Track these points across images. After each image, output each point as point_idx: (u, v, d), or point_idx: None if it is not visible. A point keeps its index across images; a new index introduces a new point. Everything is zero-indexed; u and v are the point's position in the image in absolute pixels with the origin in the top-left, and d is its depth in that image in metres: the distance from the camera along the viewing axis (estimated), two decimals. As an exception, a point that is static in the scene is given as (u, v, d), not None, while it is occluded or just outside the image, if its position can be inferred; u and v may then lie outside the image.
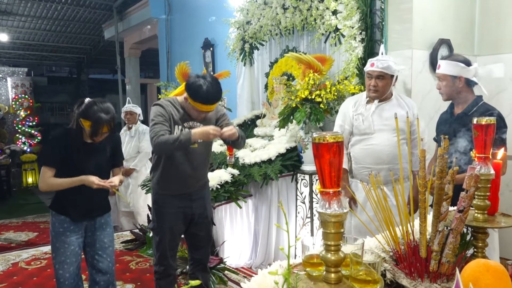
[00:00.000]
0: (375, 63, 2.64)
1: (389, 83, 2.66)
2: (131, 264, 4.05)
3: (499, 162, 1.34)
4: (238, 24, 4.84)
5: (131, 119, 5.07)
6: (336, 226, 0.95)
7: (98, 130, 2.27)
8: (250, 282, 1.15)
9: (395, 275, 1.15)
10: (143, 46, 8.98)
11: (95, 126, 2.26)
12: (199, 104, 2.37)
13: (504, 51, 3.36)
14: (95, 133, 2.28)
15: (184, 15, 6.80)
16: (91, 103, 2.31)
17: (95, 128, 2.26)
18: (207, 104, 2.38)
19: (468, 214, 1.12)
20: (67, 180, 2.32)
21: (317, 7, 3.71)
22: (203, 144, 2.55)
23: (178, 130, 2.49)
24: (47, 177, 2.32)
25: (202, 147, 2.58)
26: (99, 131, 2.27)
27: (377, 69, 2.62)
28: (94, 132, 2.28)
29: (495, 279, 0.86)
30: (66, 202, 2.46)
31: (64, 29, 10.00)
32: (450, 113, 2.61)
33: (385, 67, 2.61)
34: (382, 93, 2.68)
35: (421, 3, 3.13)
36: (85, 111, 2.28)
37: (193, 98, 2.37)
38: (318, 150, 0.96)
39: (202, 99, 2.36)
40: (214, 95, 2.39)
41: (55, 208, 2.52)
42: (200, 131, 2.34)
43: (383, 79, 2.64)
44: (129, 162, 5.01)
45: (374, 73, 2.65)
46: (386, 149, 2.64)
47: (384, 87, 2.65)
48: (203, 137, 2.35)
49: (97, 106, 2.29)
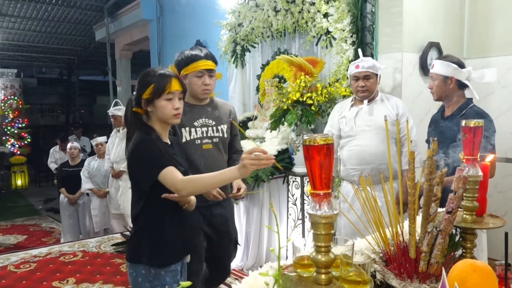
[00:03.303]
0: (360, 64, 2.73)
1: (375, 82, 2.74)
2: (122, 266, 4.03)
3: (487, 164, 1.35)
4: (229, 26, 4.84)
5: (116, 122, 5.04)
6: (327, 227, 0.96)
7: (166, 85, 1.68)
8: (241, 284, 1.15)
9: (385, 276, 1.16)
10: (134, 47, 8.94)
11: (161, 81, 1.69)
12: (196, 63, 2.20)
13: (493, 54, 3.40)
14: (163, 88, 1.68)
15: (175, 17, 6.78)
16: (145, 70, 1.80)
17: (160, 85, 1.68)
18: (204, 58, 2.22)
19: (456, 215, 1.13)
20: (215, 175, 1.61)
21: (308, 10, 3.72)
22: (218, 143, 2.35)
23: (187, 133, 2.27)
24: (180, 176, 1.64)
25: (217, 148, 2.35)
26: (167, 85, 1.69)
27: (363, 69, 2.71)
28: (160, 88, 1.68)
29: (482, 279, 0.87)
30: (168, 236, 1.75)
31: (55, 30, 9.93)
32: (440, 115, 2.64)
33: (370, 66, 2.71)
34: (371, 92, 2.75)
35: (411, 7, 3.16)
36: (140, 80, 1.74)
37: (186, 60, 2.22)
38: (309, 152, 0.97)
39: (195, 55, 2.21)
40: (206, 50, 2.26)
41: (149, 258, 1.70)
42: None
43: (370, 78, 2.72)
44: (119, 164, 4.97)
45: (360, 74, 2.73)
46: (368, 149, 2.72)
47: (372, 86, 2.74)
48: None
49: (154, 69, 1.79)
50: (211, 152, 2.32)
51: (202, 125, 2.32)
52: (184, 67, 2.24)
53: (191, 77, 2.24)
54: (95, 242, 4.88)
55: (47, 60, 12.92)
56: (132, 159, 1.71)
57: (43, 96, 14.04)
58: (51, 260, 4.27)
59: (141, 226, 1.73)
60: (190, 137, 2.29)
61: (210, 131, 2.33)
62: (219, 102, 2.48)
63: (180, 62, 2.25)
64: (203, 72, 2.23)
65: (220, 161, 2.37)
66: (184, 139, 2.27)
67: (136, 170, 1.72)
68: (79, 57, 12.63)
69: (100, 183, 5.31)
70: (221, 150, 2.39)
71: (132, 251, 1.75)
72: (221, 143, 2.37)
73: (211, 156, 2.31)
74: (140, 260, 1.70)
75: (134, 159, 1.70)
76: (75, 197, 5.41)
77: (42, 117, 14.40)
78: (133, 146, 1.69)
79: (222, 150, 2.40)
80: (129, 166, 1.76)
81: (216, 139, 2.34)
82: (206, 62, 2.23)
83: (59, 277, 3.81)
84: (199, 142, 2.30)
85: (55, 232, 6.38)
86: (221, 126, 2.38)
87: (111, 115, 5.04)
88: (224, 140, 2.39)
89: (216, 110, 2.40)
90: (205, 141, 2.31)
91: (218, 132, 2.36)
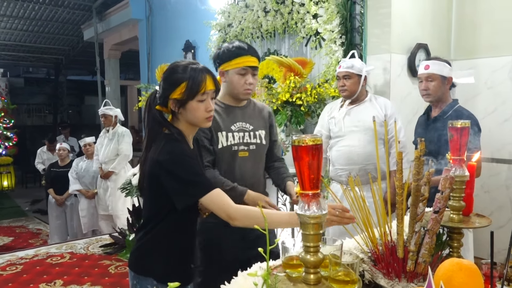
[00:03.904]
0: (341, 64, 2.80)
1: (356, 82, 2.76)
2: (110, 268, 4.00)
3: (473, 164, 1.37)
4: (219, 27, 4.84)
5: (106, 122, 5.00)
6: (315, 227, 0.96)
7: (201, 84, 1.47)
8: (230, 284, 1.15)
9: (373, 276, 1.17)
10: (123, 47, 8.88)
11: (195, 79, 1.47)
12: (240, 59, 1.92)
13: (479, 56, 3.45)
14: (197, 88, 1.46)
15: (165, 17, 6.75)
16: (174, 64, 1.55)
17: (194, 84, 1.46)
18: (249, 53, 1.94)
19: (443, 215, 1.15)
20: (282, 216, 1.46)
21: (298, 10, 3.74)
22: (255, 151, 2.04)
23: (224, 138, 1.98)
24: (231, 203, 1.45)
25: (254, 156, 2.05)
26: (202, 84, 1.47)
27: (343, 69, 2.77)
28: (194, 87, 1.46)
29: (468, 278, 0.89)
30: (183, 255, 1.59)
31: (42, 29, 9.81)
32: (427, 116, 2.67)
33: (349, 66, 2.75)
34: (351, 92, 2.78)
35: (400, 9, 3.19)
36: (169, 76, 1.51)
37: (228, 54, 1.93)
38: (298, 153, 0.97)
39: (240, 48, 1.93)
40: (251, 45, 2.00)
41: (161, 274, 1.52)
42: (253, 197, 1.89)
43: (350, 78, 2.76)
44: (108, 164, 4.94)
45: (341, 74, 2.79)
46: (356, 150, 2.75)
47: (352, 86, 2.76)
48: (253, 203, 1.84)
49: (181, 62, 1.55)
50: (247, 161, 2.03)
51: (239, 129, 2.02)
52: (226, 62, 1.95)
53: (232, 74, 1.95)
54: (83, 243, 4.83)
55: (34, 59, 12.76)
56: (167, 169, 1.44)
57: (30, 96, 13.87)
58: (38, 262, 4.22)
59: (155, 236, 1.52)
60: (227, 143, 1.98)
61: (246, 137, 2.03)
62: (257, 104, 2.18)
63: (221, 56, 1.96)
64: (247, 69, 1.94)
65: (257, 172, 2.10)
66: (221, 144, 1.97)
67: (172, 186, 1.45)
68: (67, 57, 12.50)
69: (88, 184, 5.26)
70: (258, 159, 2.10)
71: (140, 261, 1.55)
72: (259, 151, 2.08)
73: (247, 166, 2.02)
74: (148, 273, 1.51)
75: (170, 170, 1.44)
76: (62, 198, 5.36)
77: (29, 117, 14.24)
78: (168, 155, 1.44)
79: (260, 159, 2.11)
80: (156, 174, 1.46)
81: (253, 146, 2.04)
82: (251, 58, 1.94)
83: (46, 279, 3.76)
84: (235, 148, 2.00)
85: (42, 233, 6.31)
86: (259, 131, 2.08)
87: (102, 114, 4.98)
88: (262, 148, 2.09)
89: (254, 113, 2.11)
90: (241, 147, 2.01)
91: (255, 138, 2.06)
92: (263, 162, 2.14)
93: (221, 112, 2.00)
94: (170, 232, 1.52)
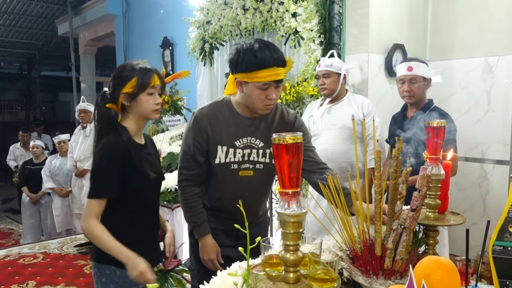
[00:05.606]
0: (321, 63, 2.88)
1: (335, 80, 2.82)
2: (85, 268, 3.92)
3: (448, 163, 1.40)
4: (198, 24, 4.79)
5: (85, 118, 4.89)
6: (295, 226, 0.96)
7: (150, 78, 1.62)
8: (209, 284, 1.14)
9: (351, 273, 1.18)
10: (99, 43, 8.71)
11: (144, 75, 1.62)
12: (263, 72, 1.56)
13: (454, 57, 3.53)
14: (147, 81, 1.62)
15: (142, 13, 6.66)
16: (122, 65, 1.72)
17: (144, 78, 1.62)
18: (275, 64, 1.57)
19: (420, 212, 1.16)
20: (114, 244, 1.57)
21: (277, 9, 3.73)
22: (262, 171, 1.78)
23: (222, 154, 1.74)
24: (96, 218, 1.61)
25: (259, 177, 1.79)
26: (151, 79, 1.63)
27: (322, 68, 2.85)
28: (144, 81, 1.61)
29: (445, 275, 0.90)
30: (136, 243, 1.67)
31: (14, 23, 9.51)
32: (402, 115, 2.70)
33: (328, 64, 2.82)
34: (330, 90, 2.84)
35: (377, 9, 3.23)
36: (119, 74, 1.66)
37: (249, 65, 1.57)
38: (278, 151, 0.97)
39: (264, 60, 1.56)
40: (278, 51, 1.62)
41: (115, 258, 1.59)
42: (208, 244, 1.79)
43: (329, 77, 2.83)
44: (84, 162, 4.83)
45: (320, 72, 2.86)
46: (330, 148, 2.79)
47: (331, 84, 2.83)
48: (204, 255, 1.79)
49: (129, 63, 1.71)
50: (249, 181, 1.77)
51: (246, 145, 1.75)
52: (245, 73, 1.60)
53: (252, 88, 1.62)
54: (57, 243, 4.72)
55: (6, 54, 12.38)
56: (96, 159, 1.63)
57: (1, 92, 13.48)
58: (10, 263, 4.10)
59: (109, 228, 1.62)
60: (226, 159, 1.74)
61: (254, 155, 1.76)
62: (284, 113, 1.84)
63: (240, 65, 1.61)
64: (270, 83, 1.61)
65: (260, 195, 1.87)
66: (218, 160, 1.74)
67: (94, 172, 1.65)
68: (40, 52, 12.17)
69: (62, 182, 5.15)
70: (264, 179, 1.83)
71: (98, 250, 1.64)
72: (267, 171, 1.79)
73: (249, 185, 1.77)
74: (105, 260, 1.62)
75: (97, 160, 1.63)
76: (37, 196, 5.22)
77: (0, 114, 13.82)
78: (101, 147, 1.61)
79: (266, 179, 1.85)
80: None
81: (260, 165, 1.77)
82: (276, 71, 1.58)
83: (18, 280, 3.66)
84: (235, 167, 1.75)
85: (14, 233, 6.14)
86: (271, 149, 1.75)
87: (83, 109, 4.84)
88: (272, 168, 1.78)
89: (272, 127, 1.78)
90: (244, 166, 1.76)
91: (264, 157, 1.77)
92: (270, 181, 1.91)
93: (230, 122, 1.74)
94: (119, 224, 1.66)
